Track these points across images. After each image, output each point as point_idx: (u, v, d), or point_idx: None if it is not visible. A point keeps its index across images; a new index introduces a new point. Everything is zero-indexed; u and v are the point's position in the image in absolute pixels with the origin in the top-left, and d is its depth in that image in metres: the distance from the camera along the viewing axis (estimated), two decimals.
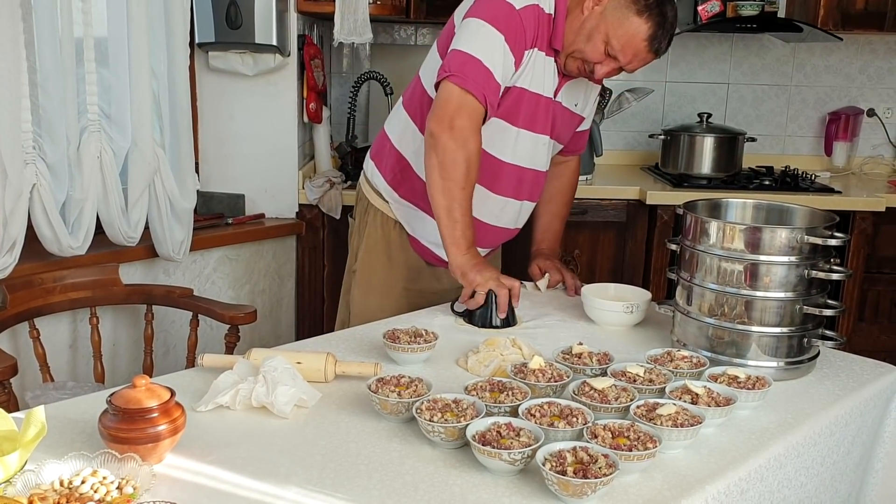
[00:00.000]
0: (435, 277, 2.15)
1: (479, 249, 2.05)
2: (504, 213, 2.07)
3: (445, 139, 1.83)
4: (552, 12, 1.91)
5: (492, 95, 1.85)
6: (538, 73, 1.93)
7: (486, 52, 1.83)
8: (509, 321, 1.87)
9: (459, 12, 1.96)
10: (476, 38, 1.85)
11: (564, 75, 1.98)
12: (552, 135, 2.04)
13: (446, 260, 2.05)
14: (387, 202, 2.13)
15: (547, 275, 2.15)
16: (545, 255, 2.21)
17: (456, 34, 1.91)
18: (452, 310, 1.95)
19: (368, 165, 2.21)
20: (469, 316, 1.89)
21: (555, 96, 2.00)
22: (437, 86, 1.88)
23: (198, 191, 2.84)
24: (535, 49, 1.90)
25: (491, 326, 1.86)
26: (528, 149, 2.00)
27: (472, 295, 1.87)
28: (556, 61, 1.96)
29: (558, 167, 2.24)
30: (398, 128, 2.12)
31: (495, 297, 1.85)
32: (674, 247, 1.75)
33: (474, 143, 1.85)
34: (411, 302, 2.10)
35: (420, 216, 2.08)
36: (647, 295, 1.93)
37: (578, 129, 2.19)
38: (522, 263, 2.21)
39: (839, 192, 3.26)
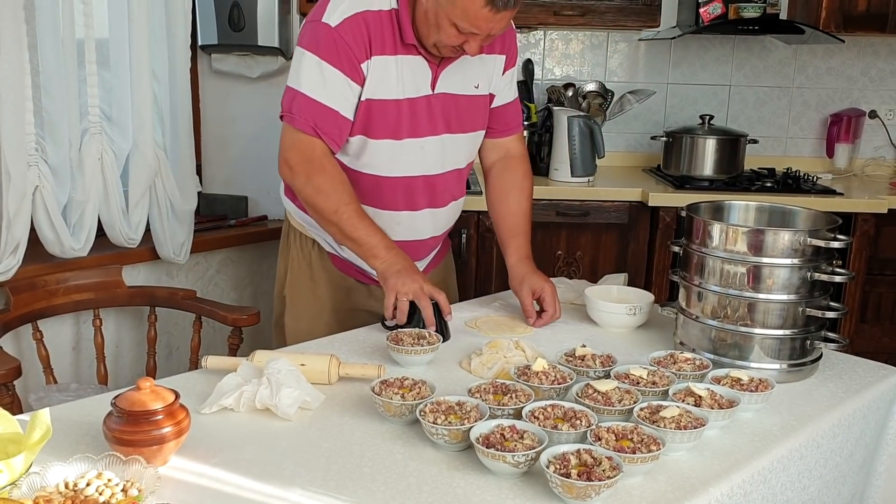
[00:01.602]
0: (367, 294, 2.05)
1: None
2: (401, 226, 1.95)
3: (292, 181, 1.83)
4: (394, 6, 1.79)
5: (324, 124, 1.79)
6: (386, 80, 1.81)
7: (310, 84, 1.78)
8: (442, 336, 1.71)
9: None
10: (300, 70, 1.79)
11: (440, 63, 1.86)
12: (447, 129, 1.91)
13: (372, 277, 1.98)
14: (303, 224, 2.04)
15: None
16: (533, 271, 1.97)
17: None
18: (382, 324, 1.82)
19: (281, 187, 2.12)
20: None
21: (433, 90, 1.88)
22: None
23: (200, 193, 2.85)
24: (376, 56, 1.79)
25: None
26: (399, 158, 1.88)
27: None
28: (421, 54, 1.83)
29: (502, 161, 2.08)
30: None
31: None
32: (677, 249, 1.76)
33: (317, 168, 1.79)
34: (343, 323, 1.97)
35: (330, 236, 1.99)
36: (650, 297, 1.93)
37: (494, 106, 2.02)
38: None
39: (841, 194, 3.26)
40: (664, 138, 3.46)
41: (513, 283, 1.99)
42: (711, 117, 3.45)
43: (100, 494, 1.10)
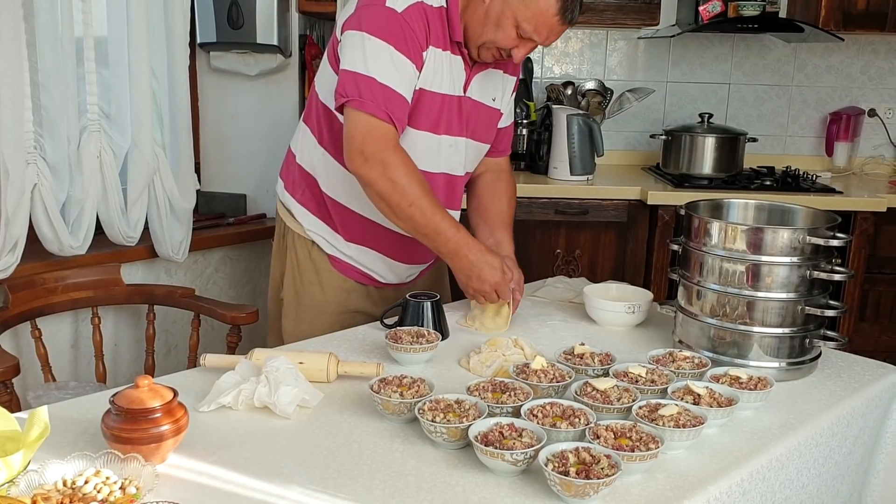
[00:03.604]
0: (365, 295, 2.04)
1: (412, 267, 2.02)
2: None
3: (366, 173, 1.75)
4: (443, 4, 1.80)
5: (397, 111, 1.75)
6: (439, 72, 1.83)
7: (380, 68, 1.73)
8: (441, 334, 1.74)
9: (340, 20, 1.84)
10: (364, 53, 1.74)
11: (473, 68, 1.89)
12: (468, 134, 1.93)
13: (373, 277, 2.02)
14: (301, 224, 2.01)
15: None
16: (513, 259, 1.97)
17: (341, 49, 1.79)
18: (381, 322, 1.82)
19: (279, 185, 2.09)
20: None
21: (464, 92, 1.90)
22: (339, 110, 1.80)
23: (199, 191, 2.84)
24: (431, 47, 1.80)
25: None
26: (433, 152, 1.89)
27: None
28: (461, 55, 1.85)
29: (494, 172, 2.11)
30: (300, 142, 2.02)
31: (424, 308, 1.76)
32: (676, 247, 1.75)
33: (394, 159, 1.74)
34: (342, 325, 1.94)
35: (336, 236, 1.99)
36: (649, 295, 1.93)
37: (500, 126, 2.07)
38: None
39: (840, 193, 3.27)
40: (663, 137, 3.46)
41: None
42: (711, 116, 3.45)
43: (98, 492, 1.10)
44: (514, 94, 2.10)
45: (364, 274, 2.02)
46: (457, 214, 2.04)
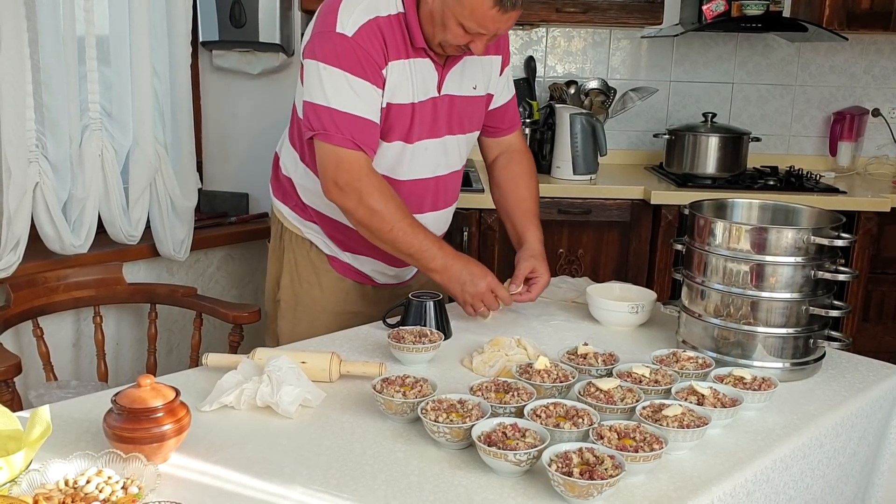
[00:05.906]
0: (363, 297, 2.05)
1: (406, 269, 2.02)
2: None
3: (343, 202, 1.78)
4: (401, 10, 1.79)
5: (363, 136, 1.76)
6: (402, 84, 1.81)
7: (340, 98, 1.74)
8: (444, 334, 1.75)
9: (302, 46, 1.86)
10: (322, 85, 1.75)
11: (445, 66, 1.87)
12: (448, 132, 1.93)
13: (371, 277, 2.01)
14: (297, 226, 2.02)
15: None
16: (544, 259, 1.99)
17: (304, 78, 1.81)
18: (384, 322, 1.83)
19: (271, 188, 2.09)
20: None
21: (439, 91, 1.89)
22: (309, 141, 1.82)
23: (201, 189, 2.84)
24: (392, 61, 1.78)
25: None
26: (405, 159, 1.89)
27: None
28: (429, 57, 1.84)
29: (506, 154, 2.11)
30: (284, 153, 2.04)
31: (427, 307, 1.77)
32: (679, 247, 1.75)
33: (368, 186, 1.76)
34: (341, 326, 1.93)
35: (329, 242, 2.00)
36: (653, 295, 1.92)
37: (493, 107, 2.05)
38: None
39: (844, 193, 3.26)
40: (667, 136, 3.45)
41: (524, 253, 1.98)
42: (714, 115, 3.44)
43: (100, 492, 1.09)
44: (509, 67, 2.06)
45: (361, 273, 2.03)
46: (453, 208, 2.05)
